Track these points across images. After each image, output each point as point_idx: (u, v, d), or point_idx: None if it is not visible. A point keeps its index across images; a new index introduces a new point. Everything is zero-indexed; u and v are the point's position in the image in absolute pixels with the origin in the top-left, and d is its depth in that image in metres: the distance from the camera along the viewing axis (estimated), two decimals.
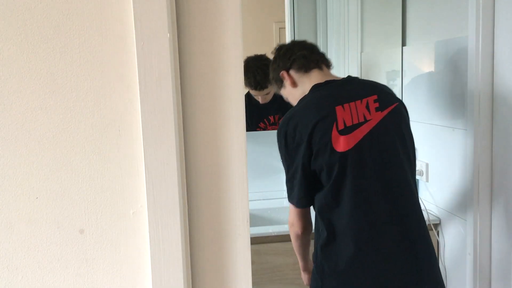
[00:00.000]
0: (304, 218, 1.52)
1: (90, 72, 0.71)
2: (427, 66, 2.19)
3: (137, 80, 0.70)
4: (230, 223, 0.78)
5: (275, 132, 1.52)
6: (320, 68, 1.55)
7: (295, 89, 1.57)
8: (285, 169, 1.50)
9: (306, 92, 1.53)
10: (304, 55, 1.54)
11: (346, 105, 1.42)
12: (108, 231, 0.75)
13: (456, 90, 1.96)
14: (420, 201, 1.53)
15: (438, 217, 2.17)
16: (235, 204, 0.78)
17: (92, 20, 0.71)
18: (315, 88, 1.50)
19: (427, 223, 2.11)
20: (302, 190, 1.45)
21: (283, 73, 1.57)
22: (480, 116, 1.78)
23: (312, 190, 1.47)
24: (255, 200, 2.28)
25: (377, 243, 1.41)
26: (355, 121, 1.41)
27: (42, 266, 0.74)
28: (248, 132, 0.95)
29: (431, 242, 1.50)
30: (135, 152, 0.73)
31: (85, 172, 0.73)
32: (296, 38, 2.36)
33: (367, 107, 1.43)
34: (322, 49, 1.67)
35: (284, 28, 2.40)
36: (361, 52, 2.45)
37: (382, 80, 2.49)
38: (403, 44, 2.40)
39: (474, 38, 1.76)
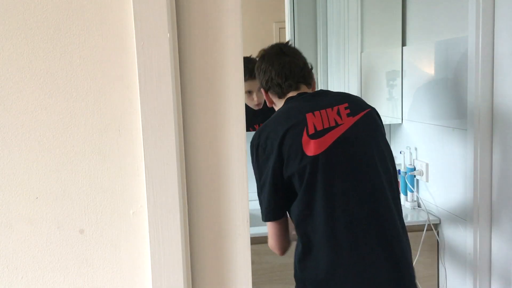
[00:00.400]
0: (280, 239, 1.50)
1: (90, 72, 0.71)
2: (427, 66, 2.19)
3: (137, 80, 0.70)
4: (230, 223, 0.78)
5: None
6: (296, 89, 1.56)
7: (274, 105, 1.63)
8: (257, 183, 1.50)
9: None
10: (278, 84, 1.54)
11: (316, 112, 1.44)
12: (108, 231, 0.75)
13: (456, 90, 1.96)
14: (401, 203, 1.55)
15: (438, 217, 2.17)
16: (235, 204, 0.78)
17: (92, 20, 0.71)
18: (288, 100, 1.54)
19: (427, 223, 2.12)
20: (271, 201, 1.45)
21: (262, 91, 1.63)
22: (480, 116, 1.78)
23: (283, 201, 1.46)
24: (255, 200, 2.28)
25: (355, 248, 1.42)
26: (326, 126, 1.42)
27: (42, 266, 0.74)
28: (248, 132, 0.95)
29: (407, 246, 1.51)
30: (135, 152, 0.73)
31: (85, 172, 0.73)
32: (296, 38, 2.36)
33: (338, 113, 1.45)
34: (321, 49, 1.68)
35: (284, 28, 2.40)
36: (361, 52, 2.45)
37: (382, 80, 2.49)
38: (403, 44, 2.41)
39: (474, 38, 1.76)
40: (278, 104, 1.60)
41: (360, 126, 1.45)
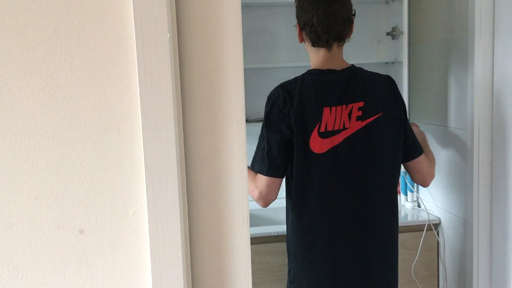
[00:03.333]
0: (276, 191, 1.53)
1: (90, 72, 0.71)
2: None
3: (137, 80, 0.70)
4: (230, 223, 0.78)
5: None
6: (329, 47, 1.53)
7: (304, 43, 1.59)
8: (261, 135, 1.51)
9: (309, 58, 1.57)
10: (317, 33, 1.50)
11: (333, 108, 1.46)
12: (108, 231, 0.75)
13: (456, 90, 1.96)
14: (398, 208, 1.59)
15: (438, 217, 2.17)
16: (235, 204, 0.78)
17: (92, 20, 0.71)
18: (316, 73, 1.52)
19: (427, 223, 2.12)
20: (278, 158, 1.47)
21: (298, 25, 1.57)
22: (480, 116, 1.78)
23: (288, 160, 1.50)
24: None
25: (333, 243, 1.49)
26: (336, 127, 1.46)
27: (42, 266, 0.74)
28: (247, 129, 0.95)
29: (391, 251, 1.55)
30: (135, 152, 0.73)
31: (85, 172, 0.73)
32: None
33: (349, 114, 1.47)
34: None
35: None
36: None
37: None
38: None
39: (474, 38, 1.76)
40: (310, 48, 1.56)
41: (365, 133, 1.47)
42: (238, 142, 0.76)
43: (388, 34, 2.43)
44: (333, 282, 1.49)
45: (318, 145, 1.45)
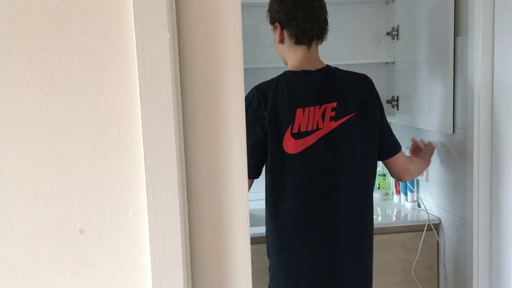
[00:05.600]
0: None
1: (90, 72, 0.71)
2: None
3: (137, 80, 0.70)
4: (230, 223, 0.78)
5: None
6: (309, 45, 1.54)
7: (279, 45, 1.58)
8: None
9: (285, 58, 1.58)
10: (303, 29, 1.50)
11: (306, 109, 1.47)
12: (108, 231, 0.75)
13: (456, 90, 1.96)
14: (370, 210, 1.60)
15: (438, 217, 2.17)
16: (235, 204, 0.78)
17: (92, 20, 0.71)
18: (291, 74, 1.53)
19: (427, 223, 2.12)
20: (250, 159, 1.51)
21: (277, 25, 1.56)
22: (480, 116, 1.78)
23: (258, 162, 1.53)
24: (255, 200, 2.28)
25: (308, 242, 1.52)
26: (309, 128, 1.47)
27: (42, 266, 0.74)
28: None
29: (365, 256, 1.57)
30: (135, 152, 0.73)
31: (85, 172, 0.73)
32: None
33: (323, 115, 1.48)
34: None
35: None
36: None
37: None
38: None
39: (474, 38, 1.76)
40: (288, 48, 1.56)
41: (338, 133, 1.49)
42: (238, 142, 0.76)
43: (388, 34, 2.43)
44: (309, 281, 1.52)
45: (291, 146, 1.47)
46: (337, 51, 2.40)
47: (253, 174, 1.51)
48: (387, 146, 1.60)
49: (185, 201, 0.75)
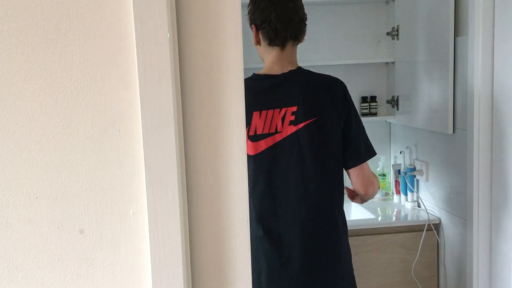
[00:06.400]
0: None
1: (90, 72, 0.71)
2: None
3: (137, 80, 0.70)
4: (230, 223, 0.78)
5: None
6: (283, 47, 1.53)
7: (257, 46, 1.59)
8: None
9: (262, 58, 1.58)
10: (276, 30, 1.49)
11: (264, 112, 1.46)
12: (108, 231, 0.75)
13: (456, 90, 1.96)
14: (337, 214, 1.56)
15: (438, 217, 2.17)
16: (235, 204, 0.78)
17: (92, 20, 0.71)
18: (253, 79, 1.53)
19: (427, 223, 2.12)
20: None
21: (253, 27, 1.56)
22: (480, 116, 1.78)
23: None
24: None
25: (265, 245, 1.50)
26: (266, 131, 1.46)
27: (42, 266, 0.74)
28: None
29: (332, 248, 1.53)
30: (135, 152, 0.73)
31: (85, 172, 0.73)
32: None
33: (283, 118, 1.46)
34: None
35: None
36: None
37: None
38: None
39: (474, 38, 1.76)
40: (264, 50, 1.56)
41: (297, 137, 1.46)
42: (238, 142, 0.76)
43: (388, 34, 2.43)
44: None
45: (249, 147, 1.47)
46: (337, 51, 2.40)
47: None
48: (351, 154, 1.52)
49: (185, 201, 0.75)
